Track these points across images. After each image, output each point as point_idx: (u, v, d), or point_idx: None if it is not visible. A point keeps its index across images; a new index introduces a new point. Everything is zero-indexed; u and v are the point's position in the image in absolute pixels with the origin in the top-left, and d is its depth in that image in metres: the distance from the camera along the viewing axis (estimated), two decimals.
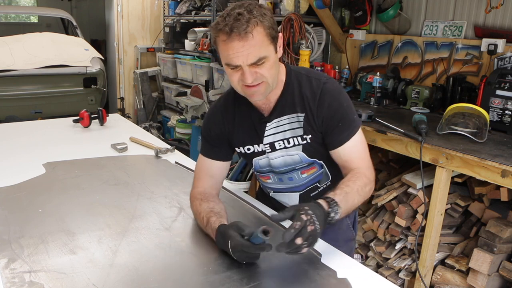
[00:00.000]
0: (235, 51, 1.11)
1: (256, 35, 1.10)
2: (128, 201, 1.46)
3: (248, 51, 1.11)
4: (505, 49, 2.55)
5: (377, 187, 2.70)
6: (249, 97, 1.25)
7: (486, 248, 2.07)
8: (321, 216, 1.02)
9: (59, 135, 2.25)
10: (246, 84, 1.17)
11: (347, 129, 1.27)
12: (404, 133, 2.20)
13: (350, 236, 1.54)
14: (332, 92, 1.28)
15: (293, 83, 1.30)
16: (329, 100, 1.26)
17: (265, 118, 1.32)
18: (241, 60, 1.12)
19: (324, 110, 1.26)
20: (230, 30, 1.09)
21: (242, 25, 1.08)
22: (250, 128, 1.34)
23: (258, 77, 1.17)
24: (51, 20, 7.41)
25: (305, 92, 1.28)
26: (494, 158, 1.86)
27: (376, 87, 2.91)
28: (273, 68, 1.19)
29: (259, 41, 1.11)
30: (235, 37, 1.09)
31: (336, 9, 3.47)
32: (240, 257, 1.08)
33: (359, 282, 1.06)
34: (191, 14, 4.66)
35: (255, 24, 1.10)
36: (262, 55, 1.13)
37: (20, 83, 4.21)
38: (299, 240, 0.96)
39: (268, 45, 1.14)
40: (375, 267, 2.53)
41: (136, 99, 5.47)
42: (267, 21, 1.13)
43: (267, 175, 1.42)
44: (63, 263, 1.08)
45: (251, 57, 1.12)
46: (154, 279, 1.04)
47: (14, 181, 1.58)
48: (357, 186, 1.18)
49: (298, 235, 0.96)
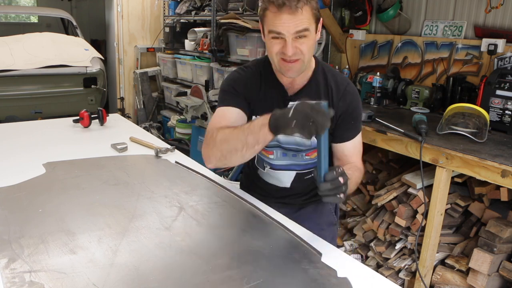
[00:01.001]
0: (283, 21, 1.19)
1: (305, 11, 1.19)
2: (128, 201, 1.45)
3: (295, 23, 1.19)
4: (505, 49, 2.55)
5: (377, 187, 2.71)
6: (283, 72, 1.30)
7: (486, 248, 2.07)
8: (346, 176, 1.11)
9: (59, 135, 2.25)
10: (286, 57, 1.24)
11: (356, 128, 1.42)
12: (404, 133, 2.20)
13: (332, 220, 1.64)
14: (354, 93, 1.41)
15: (320, 73, 1.40)
16: (351, 98, 1.39)
17: (289, 97, 1.38)
18: (287, 30, 1.20)
19: (345, 105, 1.38)
20: (282, 3, 1.17)
21: (294, 1, 1.17)
22: (272, 102, 1.37)
23: (297, 52, 1.24)
24: (51, 20, 7.40)
25: (330, 84, 1.39)
26: (494, 158, 1.86)
27: (376, 87, 2.91)
28: (312, 47, 1.27)
29: (307, 17, 1.20)
30: (286, 10, 1.18)
31: (336, 9, 3.47)
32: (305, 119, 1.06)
33: (359, 282, 1.06)
34: (191, 14, 4.66)
35: (305, 2, 1.19)
36: (308, 27, 1.21)
37: (20, 83, 4.21)
38: (342, 180, 1.06)
39: (312, 23, 1.23)
40: (375, 267, 2.53)
41: (136, 99, 5.47)
42: (314, 3, 1.23)
43: (272, 150, 1.47)
44: (63, 263, 1.08)
45: (298, 27, 1.19)
46: (154, 278, 1.04)
47: (14, 181, 1.58)
48: (353, 175, 1.29)
49: (340, 175, 1.07)
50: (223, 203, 1.47)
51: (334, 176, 1.06)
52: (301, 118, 1.06)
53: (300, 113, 1.07)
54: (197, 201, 1.47)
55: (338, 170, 1.08)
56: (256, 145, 1.20)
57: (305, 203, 1.60)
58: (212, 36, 4.26)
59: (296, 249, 1.18)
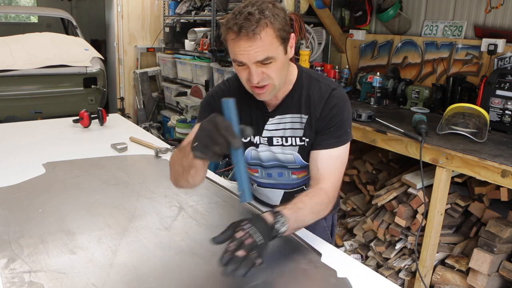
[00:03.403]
0: (242, 50, 1.11)
1: (264, 36, 1.09)
2: (128, 201, 1.45)
3: (255, 51, 1.10)
4: (505, 49, 2.55)
5: (377, 187, 2.71)
6: (256, 97, 1.24)
7: (486, 248, 2.07)
8: (264, 227, 0.97)
9: (59, 135, 2.25)
10: (252, 84, 1.17)
11: (336, 138, 1.26)
12: (404, 133, 2.20)
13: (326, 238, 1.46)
14: (339, 98, 1.28)
15: (302, 84, 1.30)
16: (333, 104, 1.26)
17: (268, 113, 1.32)
18: (247, 58, 1.12)
19: (327, 110, 1.26)
20: (239, 30, 1.08)
21: (251, 26, 1.07)
22: (252, 118, 1.33)
23: (264, 78, 1.16)
24: (51, 20, 7.41)
25: (313, 94, 1.28)
26: (494, 158, 1.86)
27: (376, 87, 2.91)
28: (281, 70, 1.18)
29: (268, 43, 1.10)
30: (243, 37, 1.09)
31: (336, 9, 3.47)
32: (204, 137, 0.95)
33: (359, 282, 1.06)
34: (191, 14, 4.66)
35: (265, 25, 1.09)
36: (269, 55, 1.12)
37: (20, 83, 4.21)
38: (241, 252, 0.90)
39: (277, 47, 1.13)
40: (375, 267, 2.53)
41: (136, 99, 5.46)
42: (278, 22, 1.11)
43: (255, 168, 1.41)
44: (63, 263, 1.08)
45: (257, 56, 1.11)
46: (154, 278, 1.04)
47: (14, 181, 1.58)
48: (312, 203, 1.14)
49: (238, 248, 0.91)
50: (223, 203, 1.47)
51: (226, 258, 0.90)
52: (203, 139, 0.96)
53: (203, 132, 0.96)
54: (197, 201, 1.47)
55: (230, 249, 0.90)
56: (191, 169, 1.09)
57: None
58: (212, 36, 4.26)
59: (296, 249, 1.18)
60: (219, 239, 0.95)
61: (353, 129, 2.51)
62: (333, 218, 1.57)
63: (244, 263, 0.89)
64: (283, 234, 1.02)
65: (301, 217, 1.09)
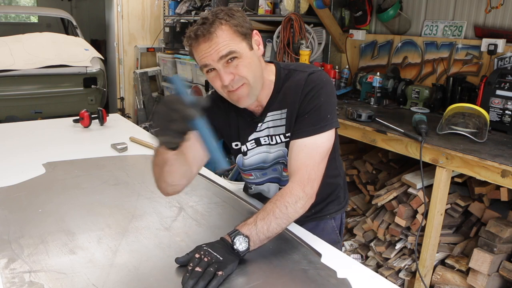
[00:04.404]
0: (204, 52, 1.12)
1: (221, 33, 1.10)
2: (128, 201, 1.46)
3: (215, 49, 1.10)
4: (505, 49, 2.55)
5: (377, 187, 2.71)
6: (237, 104, 1.21)
7: (486, 248, 2.07)
8: (222, 248, 1.03)
9: (59, 135, 2.25)
10: (226, 87, 1.15)
11: (313, 124, 1.18)
12: (404, 133, 2.20)
13: (335, 238, 1.49)
14: (315, 82, 1.20)
15: (282, 81, 1.26)
16: (309, 88, 1.20)
17: (256, 119, 1.29)
18: (211, 59, 1.11)
19: (303, 95, 1.20)
20: (196, 35, 1.11)
21: (206, 28, 1.10)
22: (239, 126, 1.32)
23: (236, 79, 1.14)
24: (51, 20, 7.40)
25: (290, 86, 1.23)
26: (494, 158, 1.86)
27: (376, 87, 2.91)
28: (251, 66, 1.15)
29: (227, 38, 1.11)
30: (201, 40, 1.11)
31: (336, 9, 3.47)
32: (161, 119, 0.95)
33: (359, 282, 1.06)
34: (191, 14, 4.66)
35: (219, 24, 1.11)
36: (231, 49, 1.11)
37: (20, 83, 4.21)
38: (198, 269, 0.97)
39: (238, 42, 1.13)
40: (375, 267, 2.53)
41: (136, 99, 5.47)
42: (234, 20, 1.13)
43: (249, 173, 1.40)
44: (63, 263, 1.08)
45: (219, 52, 1.10)
46: (154, 279, 1.04)
47: (14, 181, 1.58)
48: (277, 208, 1.09)
49: (197, 265, 0.98)
50: (223, 203, 1.47)
51: (187, 278, 0.96)
52: (160, 122, 0.96)
53: (157, 115, 0.96)
54: (196, 201, 1.47)
55: (189, 268, 0.98)
56: (165, 166, 1.13)
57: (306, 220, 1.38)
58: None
59: (296, 250, 1.18)
60: (181, 260, 1.05)
61: (353, 129, 2.54)
62: (341, 217, 1.55)
63: (202, 277, 0.95)
64: (249, 250, 1.05)
65: (265, 227, 1.07)
